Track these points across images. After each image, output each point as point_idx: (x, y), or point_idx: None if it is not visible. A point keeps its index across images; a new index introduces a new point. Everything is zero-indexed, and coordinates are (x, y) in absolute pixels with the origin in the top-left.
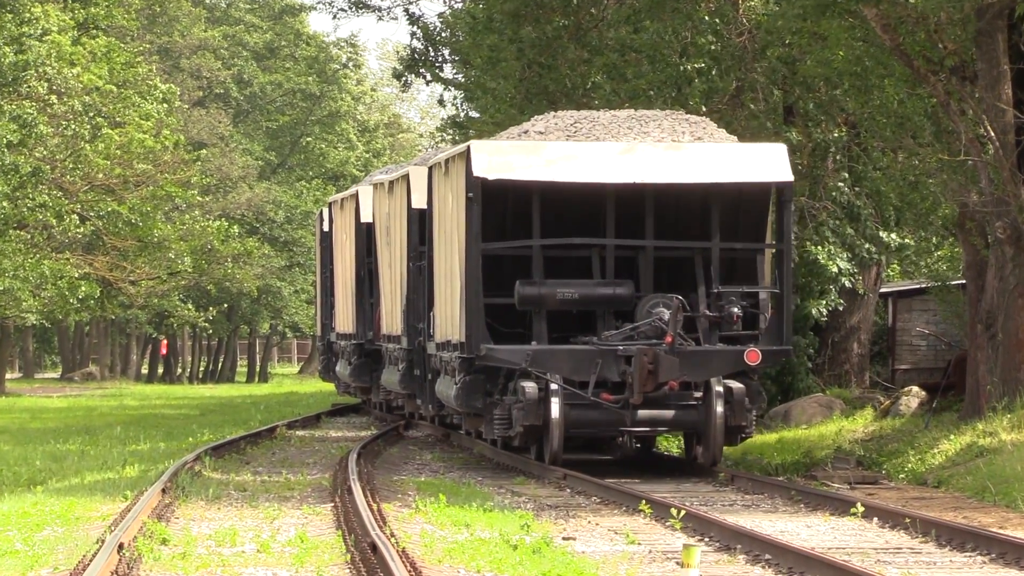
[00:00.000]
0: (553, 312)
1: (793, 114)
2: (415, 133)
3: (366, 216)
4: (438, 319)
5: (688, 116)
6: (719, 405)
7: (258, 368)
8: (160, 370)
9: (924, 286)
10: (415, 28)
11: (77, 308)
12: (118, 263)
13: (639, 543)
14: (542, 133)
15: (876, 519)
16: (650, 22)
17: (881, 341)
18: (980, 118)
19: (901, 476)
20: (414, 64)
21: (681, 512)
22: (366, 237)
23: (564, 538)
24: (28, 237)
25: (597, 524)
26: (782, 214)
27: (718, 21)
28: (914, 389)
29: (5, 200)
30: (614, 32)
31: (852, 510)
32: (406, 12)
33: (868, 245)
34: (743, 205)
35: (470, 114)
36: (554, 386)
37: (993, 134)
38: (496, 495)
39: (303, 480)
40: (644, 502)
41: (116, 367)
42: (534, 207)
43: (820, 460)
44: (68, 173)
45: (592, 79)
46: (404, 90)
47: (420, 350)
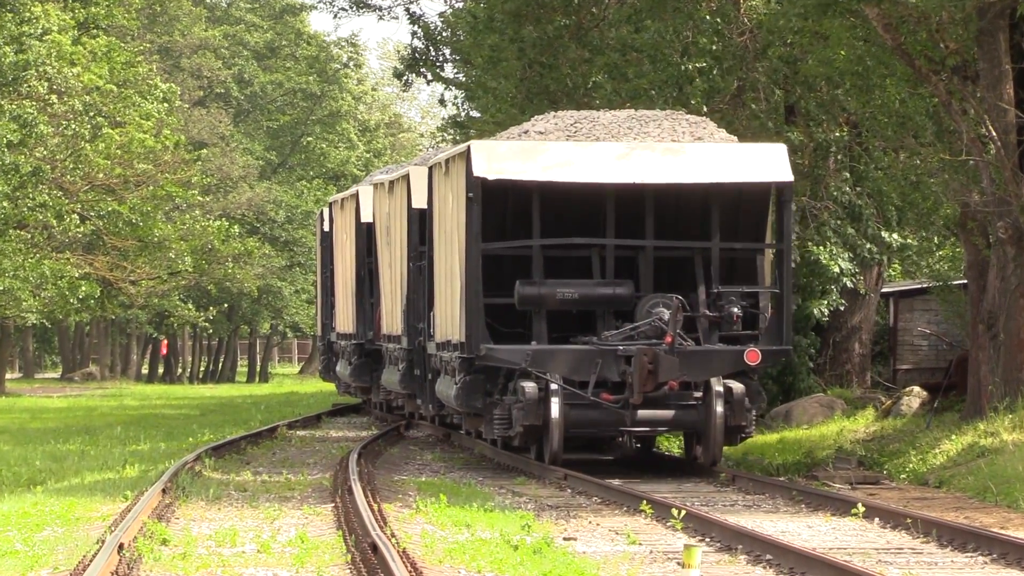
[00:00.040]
0: (553, 312)
1: (794, 114)
2: (416, 133)
3: (366, 216)
4: (438, 319)
5: (688, 116)
6: (719, 405)
7: (258, 368)
8: (160, 370)
9: (925, 286)
10: (416, 27)
11: (77, 308)
12: (118, 263)
13: (640, 543)
14: (542, 133)
15: (877, 519)
16: (651, 21)
17: (882, 341)
18: (982, 118)
19: (902, 476)
20: (415, 64)
21: (682, 512)
22: (366, 237)
23: (565, 538)
24: (28, 237)
25: (598, 524)
26: (782, 214)
27: (719, 21)
28: (915, 389)
29: (5, 200)
30: (615, 32)
31: (853, 510)
32: (407, 11)
33: (869, 245)
34: (743, 205)
35: (471, 114)
36: (554, 386)
37: (995, 134)
38: (497, 495)
39: (303, 480)
40: (645, 502)
41: (116, 367)
42: (534, 207)
43: (821, 460)
44: (68, 173)
45: (593, 79)
46: (405, 90)
47: (420, 350)
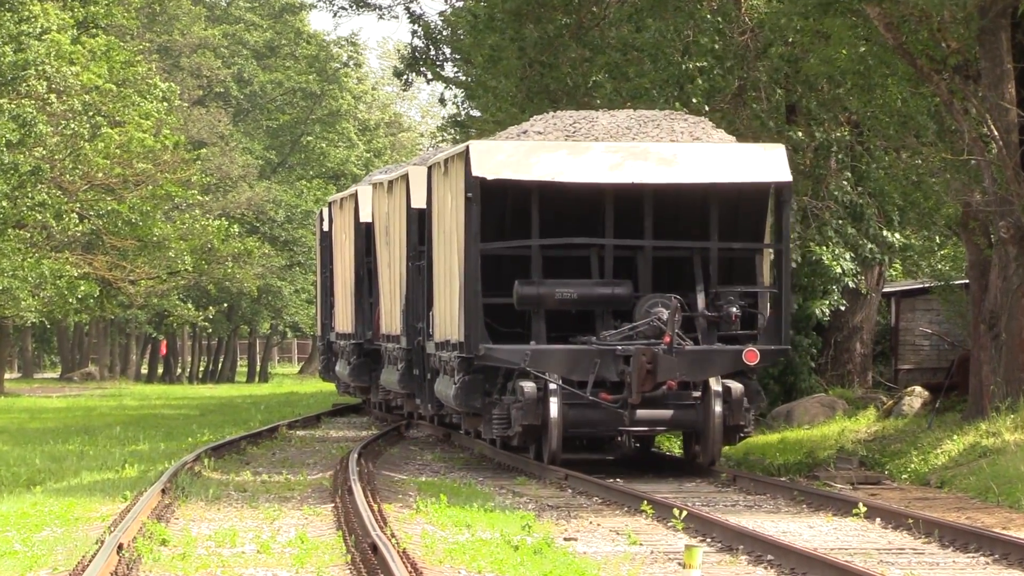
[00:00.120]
0: (552, 312)
1: (796, 113)
2: (416, 132)
3: (365, 216)
4: (437, 319)
5: (687, 116)
6: (717, 405)
7: (258, 368)
8: (160, 370)
9: (927, 286)
10: (416, 27)
11: (76, 308)
12: (117, 262)
13: (641, 544)
14: (541, 133)
15: (879, 520)
16: (652, 21)
17: (884, 341)
18: (983, 117)
19: (904, 476)
20: (415, 63)
21: (683, 512)
22: (365, 237)
23: (565, 539)
24: (27, 236)
25: (599, 525)
26: (781, 214)
27: (720, 20)
28: (917, 389)
29: (4, 199)
30: (616, 31)
31: (855, 511)
32: (407, 10)
33: (871, 245)
34: (742, 205)
35: (471, 113)
36: (553, 386)
37: (996, 133)
38: (497, 495)
39: (303, 480)
40: (646, 502)
41: (116, 367)
42: (533, 207)
43: (822, 460)
44: (67, 172)
45: (594, 78)
46: (405, 89)
47: (419, 350)
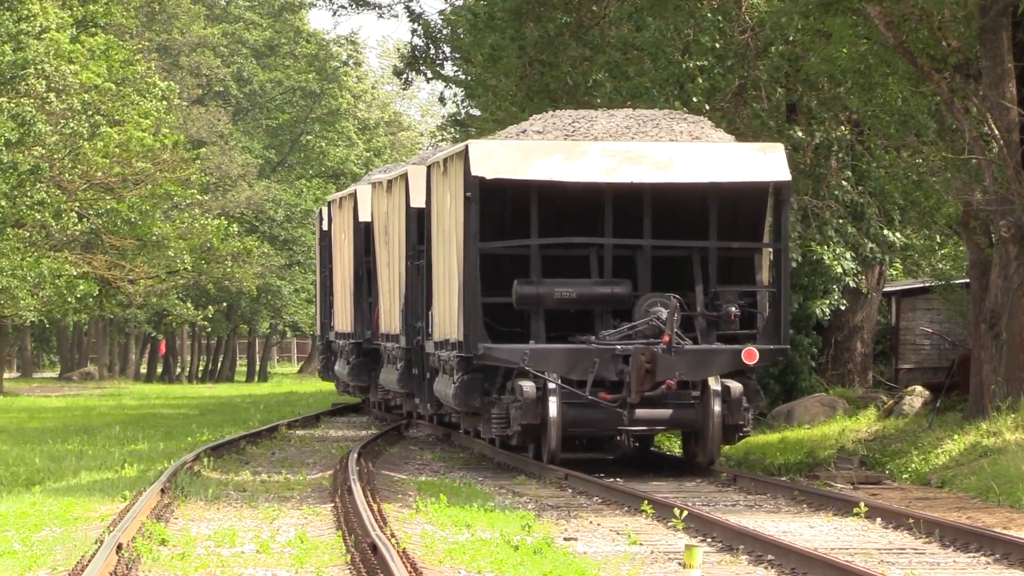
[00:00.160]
0: (551, 311)
1: (796, 112)
2: (416, 131)
3: (364, 215)
4: (436, 318)
5: (686, 116)
6: (717, 404)
7: (258, 367)
8: (159, 369)
9: (928, 285)
10: (416, 25)
11: (75, 307)
12: (117, 262)
13: (641, 543)
14: (540, 132)
15: (879, 519)
16: (652, 20)
17: (884, 340)
18: (984, 116)
19: (904, 476)
20: (415, 62)
21: (683, 512)
22: (364, 236)
23: (566, 539)
24: (26, 236)
25: (599, 524)
26: (780, 213)
27: (721, 19)
28: (918, 389)
29: (3, 199)
30: (616, 30)
31: (855, 510)
32: (407, 9)
33: (871, 244)
34: (741, 204)
35: (471, 112)
36: (552, 385)
37: (997, 132)
38: (497, 495)
39: (303, 480)
40: (646, 502)
41: (115, 366)
42: (532, 206)
43: (823, 460)
44: (67, 171)
45: (594, 77)
46: (405, 88)
47: (418, 349)
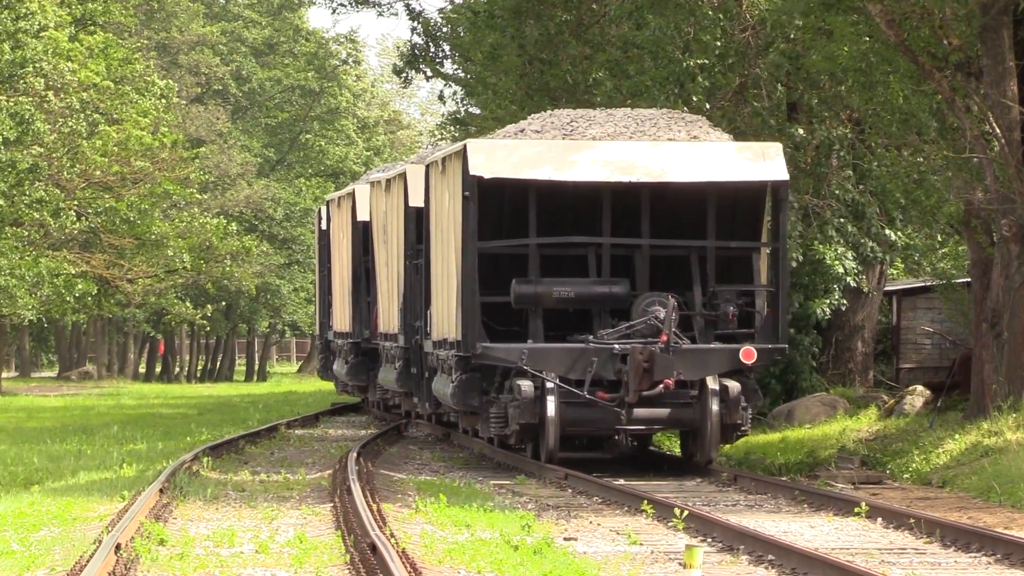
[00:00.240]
0: (549, 311)
1: (797, 111)
2: (415, 130)
3: (363, 215)
4: (435, 317)
5: (684, 115)
6: (714, 404)
7: (256, 367)
8: (158, 369)
9: (929, 284)
10: (415, 23)
11: (74, 307)
12: (115, 261)
13: (641, 544)
14: (538, 132)
15: (880, 519)
16: (652, 18)
17: (885, 340)
18: (985, 115)
19: (905, 476)
20: (414, 60)
21: (684, 512)
22: (363, 235)
23: (565, 538)
24: (25, 235)
25: (599, 524)
26: (778, 213)
27: (721, 17)
28: (918, 388)
29: (2, 198)
30: (616, 28)
31: (856, 510)
32: (406, 7)
33: (872, 244)
34: (739, 204)
35: (471, 110)
36: (550, 384)
37: (998, 131)
38: (497, 495)
39: (302, 480)
40: (646, 502)
41: (113, 366)
42: (530, 206)
43: (824, 460)
44: (65, 170)
45: (594, 75)
46: (404, 86)
47: (417, 348)
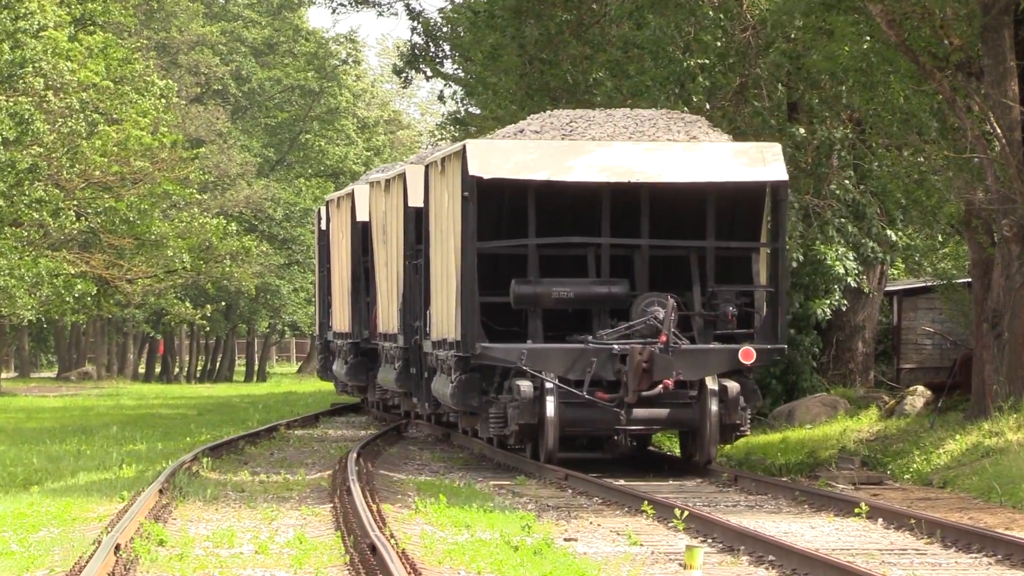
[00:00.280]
0: (549, 311)
1: (797, 111)
2: (415, 130)
3: (362, 215)
4: (434, 317)
5: (684, 115)
6: (714, 404)
7: (256, 367)
8: (157, 369)
9: (929, 284)
10: (415, 23)
11: (73, 307)
12: (115, 261)
13: (642, 544)
14: (538, 132)
15: (881, 520)
16: (653, 17)
17: (886, 340)
18: (986, 115)
19: (906, 476)
20: (414, 60)
21: (684, 513)
22: (362, 236)
23: (566, 539)
24: (24, 235)
25: (599, 525)
26: (777, 213)
27: (722, 16)
28: (919, 388)
29: (1, 198)
30: (616, 28)
31: (856, 511)
32: (406, 7)
33: (873, 244)
34: (738, 204)
35: (471, 110)
36: (549, 385)
37: (999, 131)
38: (497, 495)
39: (302, 480)
40: (646, 503)
41: (113, 366)
42: (530, 206)
43: (824, 460)
44: (65, 170)
45: (594, 75)
46: (404, 86)
47: (416, 348)
